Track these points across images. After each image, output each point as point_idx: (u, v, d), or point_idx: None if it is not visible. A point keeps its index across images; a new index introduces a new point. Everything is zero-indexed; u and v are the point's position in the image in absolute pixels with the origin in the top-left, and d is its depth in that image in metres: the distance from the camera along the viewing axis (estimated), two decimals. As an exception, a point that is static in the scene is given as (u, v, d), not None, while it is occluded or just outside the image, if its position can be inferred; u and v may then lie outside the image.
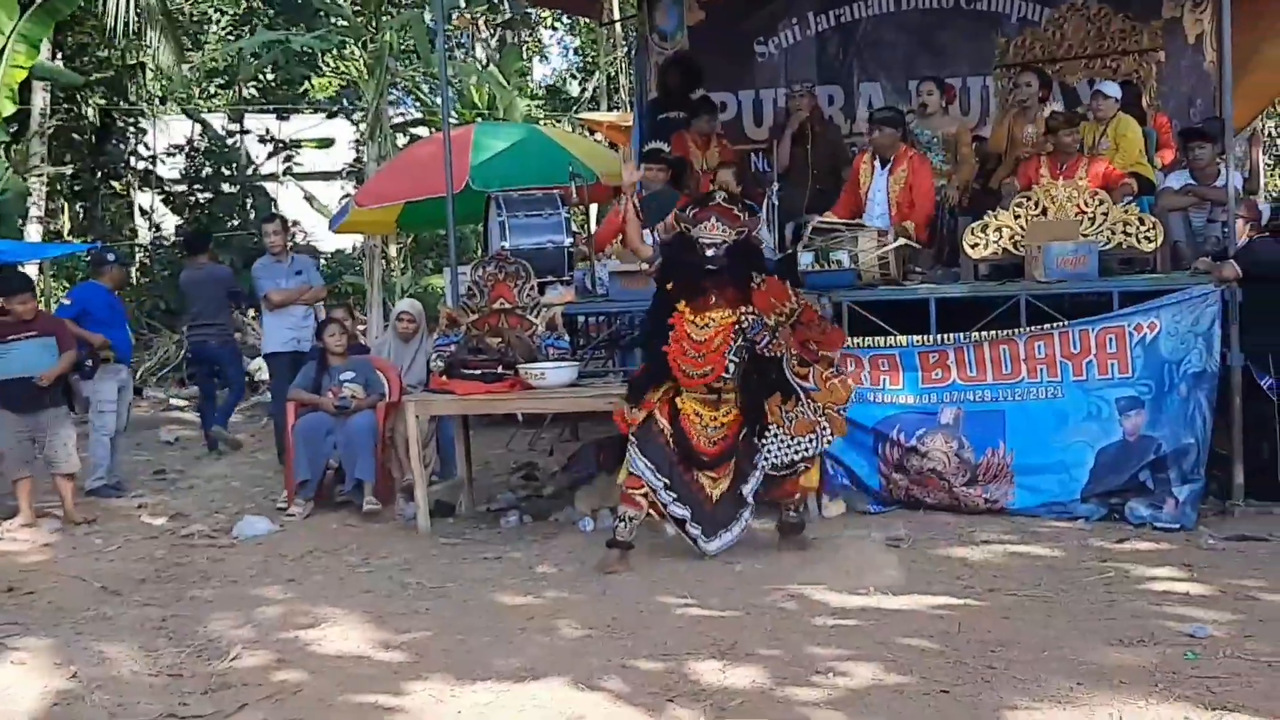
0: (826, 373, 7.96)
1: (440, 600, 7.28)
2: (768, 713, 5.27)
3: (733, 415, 7.89)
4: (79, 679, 6.01)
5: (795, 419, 7.89)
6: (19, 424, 9.90)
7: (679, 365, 7.79)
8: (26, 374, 9.89)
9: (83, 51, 24.43)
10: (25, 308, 9.97)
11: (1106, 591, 6.93)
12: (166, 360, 20.75)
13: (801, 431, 7.90)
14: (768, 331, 7.83)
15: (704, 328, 7.78)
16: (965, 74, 12.36)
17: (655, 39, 13.43)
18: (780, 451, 7.92)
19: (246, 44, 24.57)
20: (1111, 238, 9.19)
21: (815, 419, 7.91)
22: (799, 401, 7.88)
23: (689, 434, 7.84)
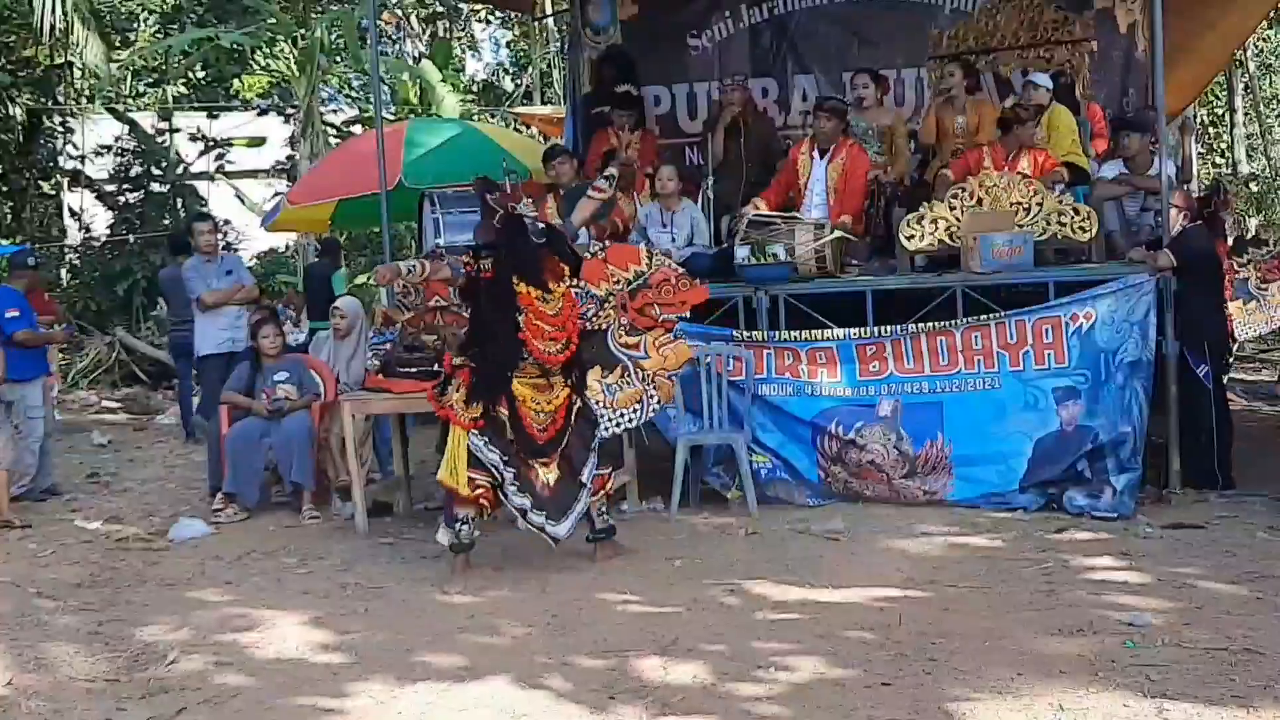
0: (662, 339, 7.92)
1: (379, 600, 7.23)
2: (710, 709, 5.25)
3: (561, 399, 7.72)
4: (14, 686, 5.93)
5: (619, 390, 7.84)
6: None
7: (536, 345, 7.60)
8: None
9: (9, 50, 24.10)
10: None
11: (1046, 581, 6.97)
12: (99, 361, 20.51)
13: (626, 403, 7.86)
14: (594, 303, 7.80)
15: (550, 301, 7.64)
16: (899, 66, 12.37)
17: (588, 33, 13.38)
18: (606, 427, 7.84)
19: (175, 42, 24.31)
20: (1047, 228, 9.24)
21: (642, 388, 7.88)
22: (626, 372, 7.85)
23: (525, 419, 7.65)
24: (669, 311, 7.95)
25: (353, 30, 21.55)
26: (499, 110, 29.95)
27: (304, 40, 22.49)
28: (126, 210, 24.39)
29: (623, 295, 7.85)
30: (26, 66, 24.34)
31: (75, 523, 9.92)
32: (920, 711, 5.11)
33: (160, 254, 21.80)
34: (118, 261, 22.86)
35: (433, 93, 23.34)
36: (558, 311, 7.63)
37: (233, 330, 11.11)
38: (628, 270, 7.87)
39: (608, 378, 7.82)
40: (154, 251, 22.36)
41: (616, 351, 7.84)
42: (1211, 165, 32.89)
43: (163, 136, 26.15)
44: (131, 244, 23.22)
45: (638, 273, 7.89)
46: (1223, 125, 33.52)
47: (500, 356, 7.67)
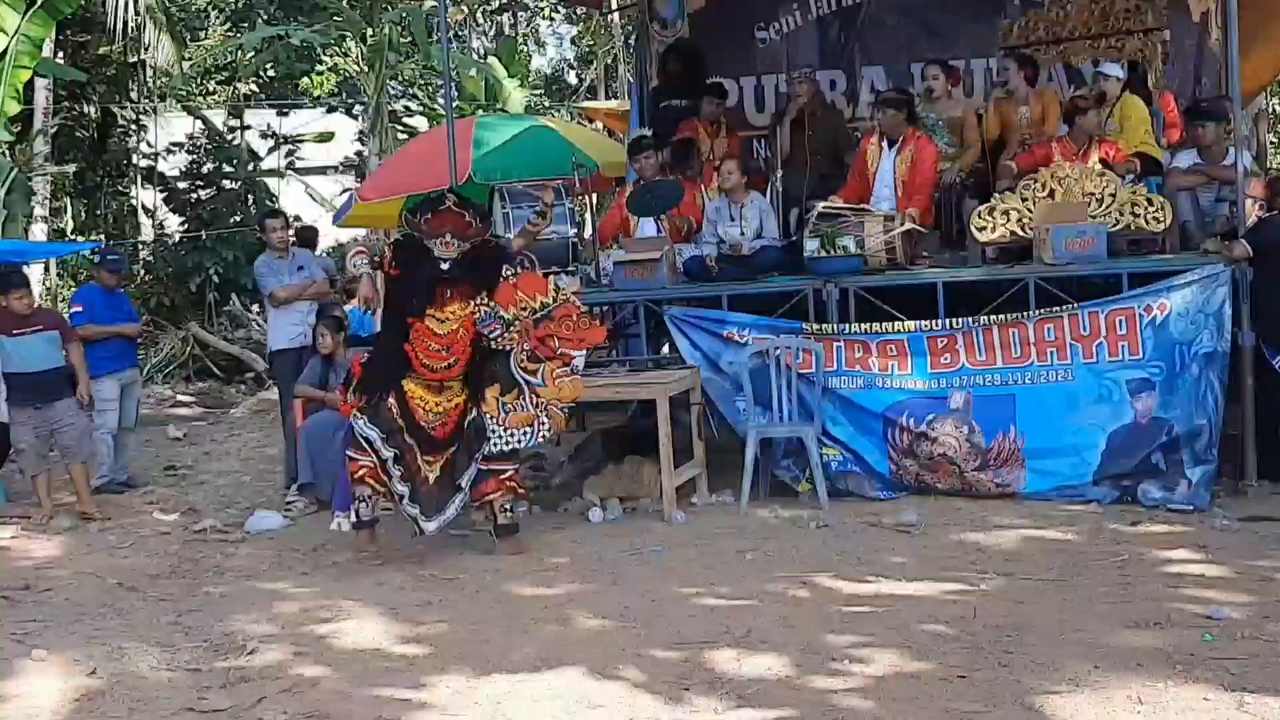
0: (558, 370, 8.11)
1: (453, 592, 7.29)
2: (786, 701, 5.26)
3: (455, 404, 8.05)
4: (98, 675, 6.03)
5: (513, 411, 8.07)
6: (34, 418, 10.02)
7: (420, 360, 7.92)
8: (37, 369, 10.01)
9: (83, 49, 24.37)
10: (22, 303, 10.07)
11: (1121, 574, 6.92)
12: (173, 357, 20.70)
13: (518, 424, 8.10)
14: (500, 324, 8.02)
15: (444, 322, 7.93)
16: (969, 56, 12.28)
17: (656, 27, 13.39)
18: (494, 441, 8.08)
19: (246, 40, 24.52)
20: (1120, 219, 9.17)
21: (535, 413, 8.11)
22: (521, 395, 8.07)
23: (415, 414, 7.96)
24: (568, 347, 8.16)
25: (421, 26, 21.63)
26: (564, 105, 29.98)
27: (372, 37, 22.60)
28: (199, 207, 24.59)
29: (528, 322, 8.07)
30: (100, 65, 24.59)
31: (153, 515, 10.08)
32: (997, 704, 5.11)
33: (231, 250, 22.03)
34: (190, 257, 23.04)
35: (500, 88, 23.40)
36: (446, 333, 7.94)
37: (305, 325, 11.14)
38: (535, 300, 8.11)
39: (505, 397, 8.09)
40: (226, 247, 22.53)
41: (517, 374, 8.10)
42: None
43: (234, 133, 26.34)
44: (203, 240, 23.40)
45: (543, 304, 8.12)
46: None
47: (387, 364, 8.03)
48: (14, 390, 10.19)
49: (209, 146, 24.83)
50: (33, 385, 10.03)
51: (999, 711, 5.04)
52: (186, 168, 24.97)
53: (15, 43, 18.19)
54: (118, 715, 5.51)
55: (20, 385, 10.10)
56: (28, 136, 21.46)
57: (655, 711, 5.25)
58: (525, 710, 5.36)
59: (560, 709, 5.34)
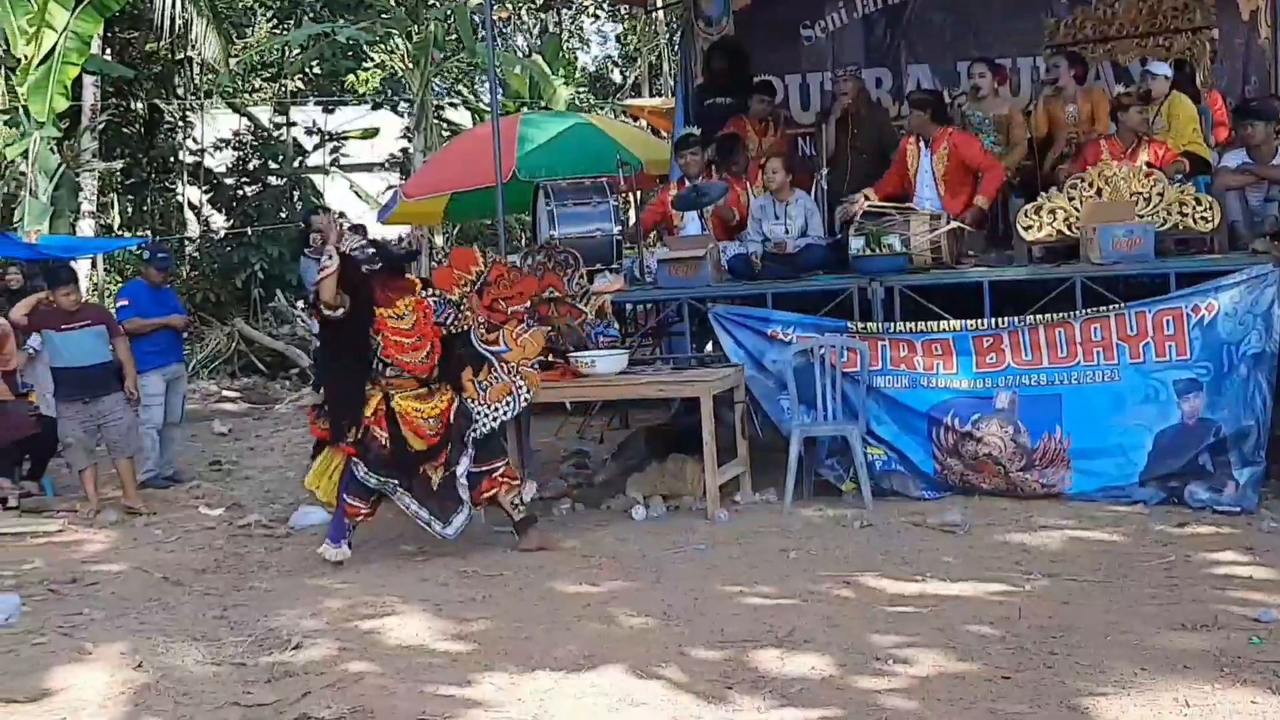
0: (516, 330, 8.23)
1: (497, 589, 7.30)
2: (830, 701, 5.25)
3: (444, 403, 8.04)
4: (144, 670, 6.06)
5: (489, 386, 8.11)
6: (82, 412, 10.11)
7: (401, 359, 7.91)
8: (85, 363, 10.11)
9: (130, 46, 24.54)
10: (69, 299, 10.18)
11: (1168, 576, 6.87)
12: (218, 352, 20.82)
13: (497, 397, 8.13)
14: (452, 308, 8.07)
15: (401, 316, 7.93)
16: (1015, 55, 12.24)
17: (701, 24, 13.39)
18: (482, 422, 8.09)
19: (292, 37, 24.66)
20: (1167, 218, 9.11)
21: (509, 380, 8.15)
22: (492, 368, 8.13)
23: (410, 432, 7.93)
24: (513, 304, 8.33)
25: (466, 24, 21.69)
26: (608, 103, 30.00)
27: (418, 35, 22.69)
28: (244, 203, 24.72)
29: (472, 295, 8.21)
30: (148, 62, 24.75)
31: (199, 510, 10.15)
32: (1042, 705, 5.08)
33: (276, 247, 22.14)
34: (235, 253, 23.17)
35: (545, 86, 23.45)
36: (412, 325, 7.94)
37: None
38: (469, 272, 8.29)
39: (478, 376, 8.12)
40: (271, 244, 22.65)
41: (481, 350, 8.15)
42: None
43: (279, 130, 26.48)
44: (249, 236, 23.53)
45: (477, 273, 8.31)
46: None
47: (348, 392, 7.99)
48: (61, 385, 10.28)
49: (254, 143, 24.99)
50: (80, 380, 10.12)
51: (1044, 713, 5.01)
52: (232, 164, 25.15)
53: (64, 40, 18.37)
54: (163, 709, 5.54)
55: (68, 380, 10.20)
56: (75, 133, 21.63)
57: (698, 710, 5.24)
58: (568, 708, 5.36)
59: (603, 707, 5.34)
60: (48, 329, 10.32)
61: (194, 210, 26.12)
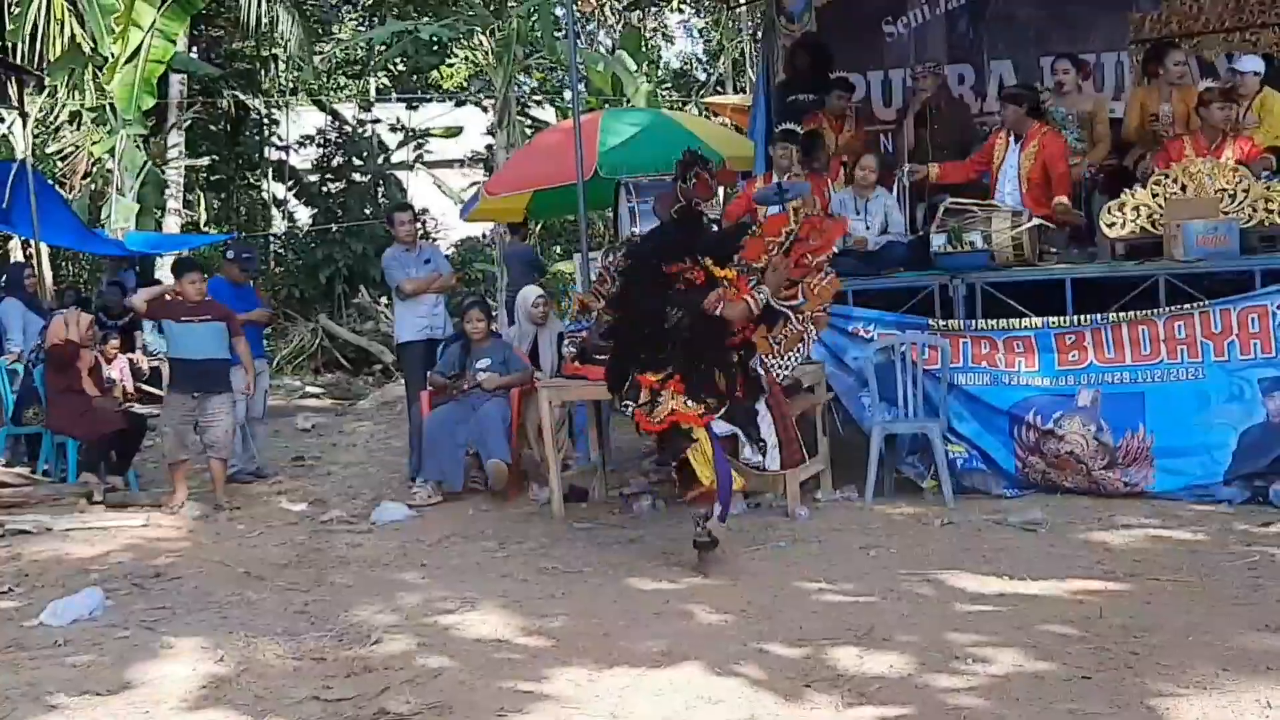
0: (814, 280, 7.95)
1: (576, 585, 7.33)
2: (907, 699, 5.23)
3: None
4: (225, 663, 6.12)
5: (783, 339, 7.86)
6: (187, 406, 10.22)
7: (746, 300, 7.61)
8: (201, 356, 10.23)
9: (216, 44, 24.83)
10: (195, 288, 10.27)
11: (1252, 575, 6.80)
12: (302, 348, 21.03)
13: (790, 346, 7.89)
14: (754, 275, 7.76)
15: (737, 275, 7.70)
16: (1099, 50, 12.17)
17: (782, 21, 13.37)
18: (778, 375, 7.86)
19: (376, 34, 24.83)
20: (1253, 215, 9.01)
21: (800, 328, 7.91)
22: (787, 322, 7.86)
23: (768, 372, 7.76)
24: (818, 254, 7.99)
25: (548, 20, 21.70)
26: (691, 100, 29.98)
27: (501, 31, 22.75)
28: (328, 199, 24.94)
29: (779, 258, 7.86)
30: (233, 60, 25.04)
31: (281, 505, 10.25)
32: (1122, 706, 5.04)
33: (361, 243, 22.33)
34: (320, 250, 23.38)
35: (628, 82, 23.46)
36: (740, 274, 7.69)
37: (431, 318, 11.27)
38: (779, 235, 7.91)
39: (771, 332, 7.83)
40: (355, 240, 22.84)
41: (778, 308, 7.84)
42: None
43: (364, 127, 26.68)
44: (333, 233, 23.74)
45: (788, 232, 7.92)
46: None
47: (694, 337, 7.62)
48: (174, 375, 10.41)
49: (339, 140, 25.20)
50: (193, 373, 10.21)
51: (1124, 714, 4.96)
52: (317, 161, 25.38)
53: (150, 38, 18.59)
54: (244, 703, 5.60)
55: (181, 371, 10.35)
56: (162, 130, 21.92)
57: (775, 708, 5.23)
58: (645, 704, 5.37)
59: (680, 704, 5.35)
60: (168, 319, 10.42)
61: (279, 206, 26.40)
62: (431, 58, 27.37)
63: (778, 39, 13.41)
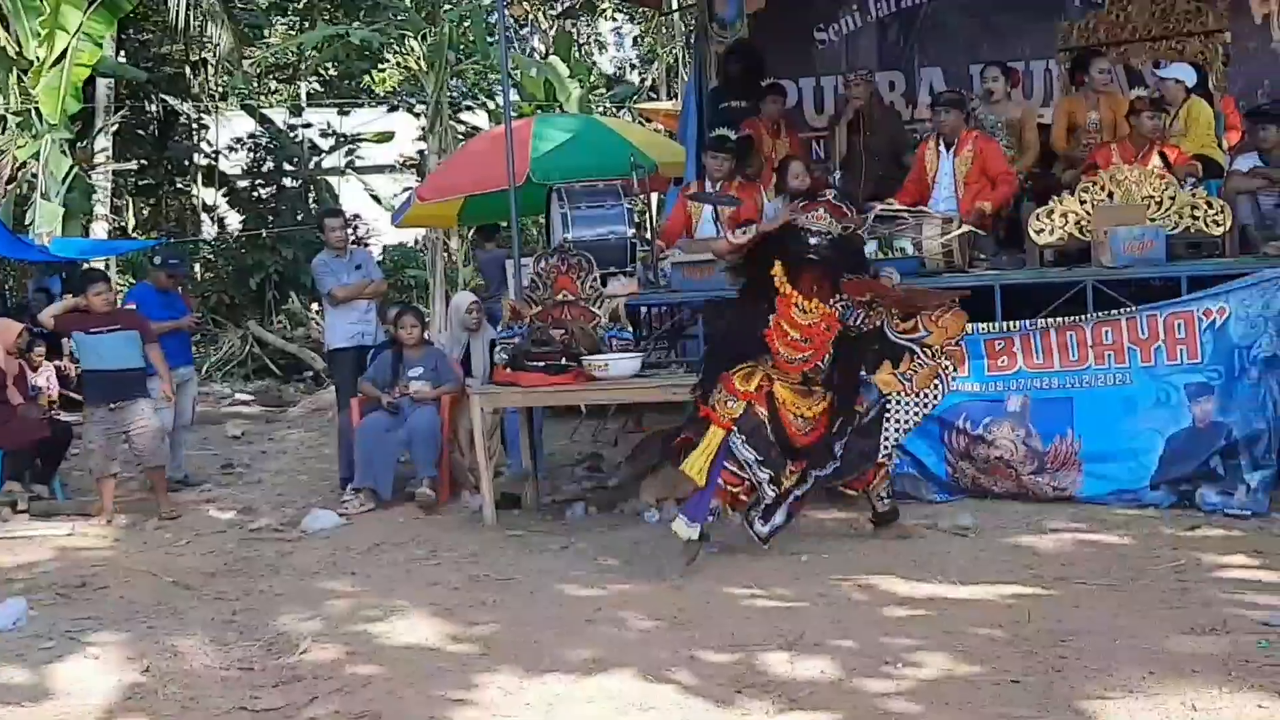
0: (935, 313, 7.75)
1: (507, 592, 7.30)
2: (838, 704, 5.25)
3: (821, 408, 7.69)
4: (151, 673, 6.08)
5: (914, 375, 7.74)
6: (108, 419, 10.06)
7: (778, 347, 7.62)
8: (115, 367, 10.10)
9: (145, 48, 24.62)
10: (102, 299, 10.14)
11: (1178, 580, 6.85)
12: (231, 355, 20.88)
13: (924, 383, 7.77)
14: (862, 308, 7.67)
15: (807, 313, 7.61)
16: (1028, 58, 12.26)
17: (715, 27, 13.38)
18: (909, 415, 7.82)
19: (306, 38, 24.70)
20: (1179, 222, 9.09)
21: (935, 363, 7.76)
22: (913, 357, 7.74)
23: (786, 424, 7.61)
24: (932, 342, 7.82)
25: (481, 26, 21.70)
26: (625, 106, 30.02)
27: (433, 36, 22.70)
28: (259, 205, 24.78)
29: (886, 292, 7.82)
30: (162, 63, 24.83)
31: (210, 513, 10.16)
32: (1050, 709, 5.07)
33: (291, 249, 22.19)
34: (250, 255, 23.23)
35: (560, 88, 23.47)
36: (810, 324, 7.63)
37: (362, 324, 11.22)
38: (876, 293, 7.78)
39: (898, 368, 7.75)
40: (286, 246, 22.71)
41: (897, 341, 7.74)
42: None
43: (294, 132, 26.53)
44: (264, 239, 23.59)
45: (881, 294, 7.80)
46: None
47: (742, 339, 7.79)
48: (90, 387, 10.29)
49: (269, 145, 25.03)
50: (109, 384, 10.09)
51: (1051, 717, 5.00)
52: (247, 166, 25.20)
53: (76, 41, 18.39)
54: (170, 714, 5.55)
55: (96, 383, 10.20)
56: (89, 135, 21.69)
57: (706, 714, 5.24)
58: (576, 712, 5.36)
59: (612, 711, 5.34)
60: (78, 331, 10.29)
61: (209, 212, 26.20)
62: (363, 62, 27.25)
63: (710, 45, 13.42)
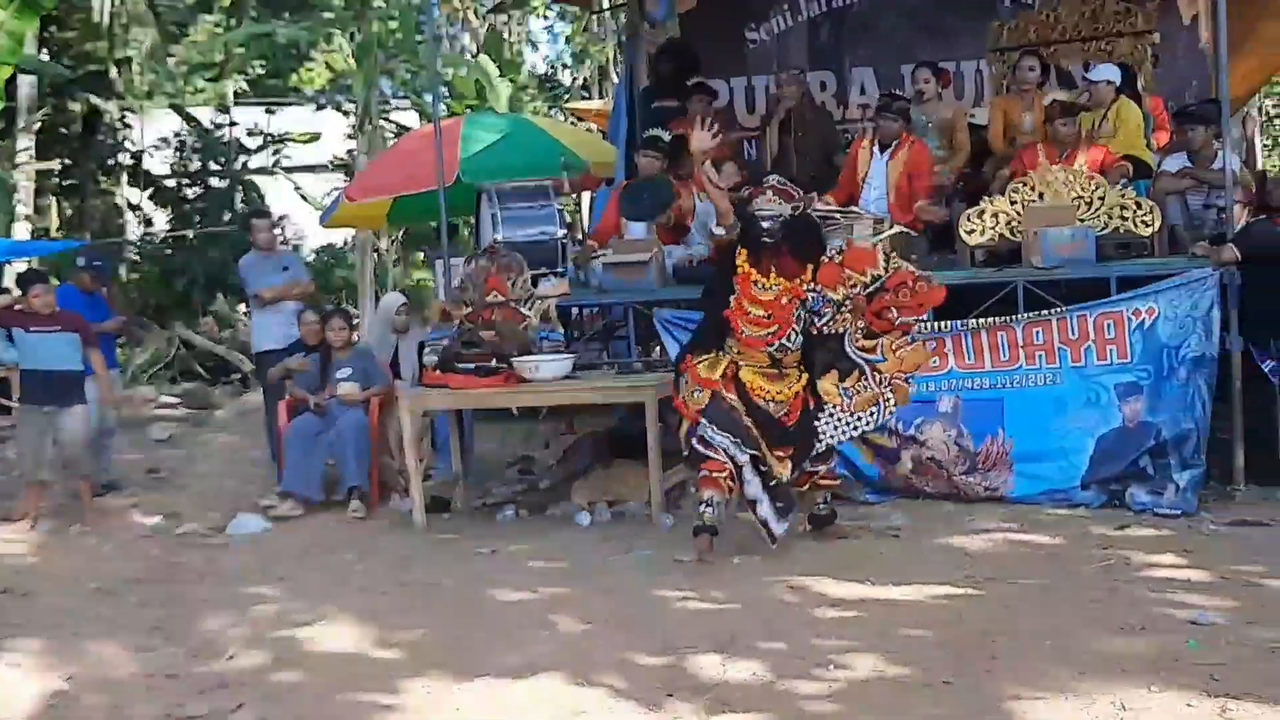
0: (897, 342, 7.66)
1: (437, 597, 7.24)
2: (768, 706, 5.22)
3: (795, 389, 7.60)
4: (75, 680, 6.00)
5: (856, 394, 7.65)
6: (42, 421, 9.88)
7: (739, 324, 7.53)
8: (53, 368, 9.91)
9: (68, 46, 24.31)
10: (42, 300, 9.96)
11: (1108, 579, 6.89)
12: (158, 357, 20.65)
13: (863, 407, 7.68)
14: (831, 307, 7.58)
15: (768, 289, 7.50)
16: (959, 58, 12.30)
17: (646, 26, 13.35)
18: (838, 430, 7.72)
19: (232, 36, 24.47)
20: (1109, 222, 9.14)
21: (879, 390, 7.68)
22: (862, 376, 7.65)
23: (760, 407, 7.54)
24: (906, 314, 7.68)
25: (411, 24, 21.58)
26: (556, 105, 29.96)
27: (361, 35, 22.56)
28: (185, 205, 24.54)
29: (860, 299, 7.61)
30: (85, 61, 24.52)
31: (135, 518, 10.01)
32: (980, 711, 5.07)
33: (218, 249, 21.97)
34: (176, 256, 23.00)
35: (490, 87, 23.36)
36: (771, 299, 7.51)
37: (289, 326, 11.11)
38: (864, 274, 7.62)
39: (844, 382, 7.65)
40: (213, 247, 22.49)
41: (854, 355, 7.64)
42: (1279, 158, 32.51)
43: (221, 131, 26.29)
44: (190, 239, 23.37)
45: (874, 276, 7.63)
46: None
47: (706, 330, 7.79)
48: (27, 387, 10.09)
49: (196, 144, 24.79)
50: (44, 385, 9.90)
51: (981, 718, 5.00)
52: (173, 166, 24.95)
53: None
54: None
55: (32, 383, 10.01)
56: (10, 134, 21.41)
57: (637, 718, 5.21)
58: (507, 717, 5.32)
59: (542, 715, 5.30)
60: (18, 328, 10.11)
61: (134, 212, 25.92)
62: (290, 61, 27.04)
63: (642, 44, 13.38)
